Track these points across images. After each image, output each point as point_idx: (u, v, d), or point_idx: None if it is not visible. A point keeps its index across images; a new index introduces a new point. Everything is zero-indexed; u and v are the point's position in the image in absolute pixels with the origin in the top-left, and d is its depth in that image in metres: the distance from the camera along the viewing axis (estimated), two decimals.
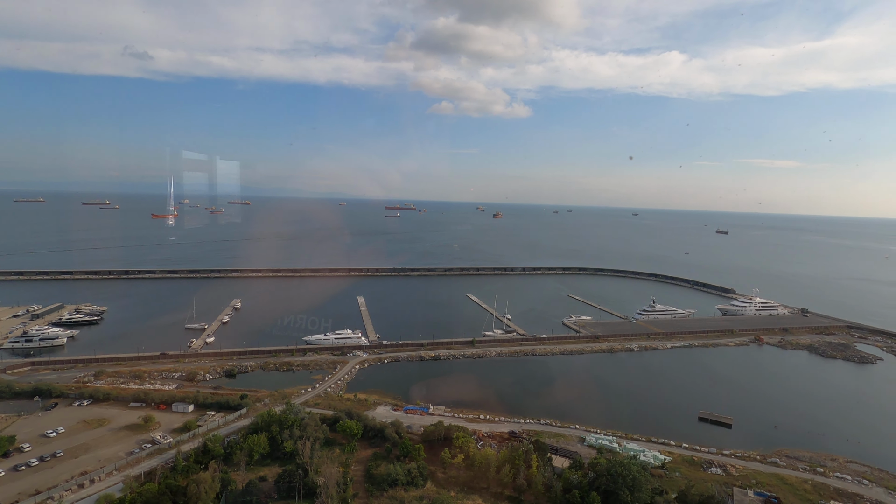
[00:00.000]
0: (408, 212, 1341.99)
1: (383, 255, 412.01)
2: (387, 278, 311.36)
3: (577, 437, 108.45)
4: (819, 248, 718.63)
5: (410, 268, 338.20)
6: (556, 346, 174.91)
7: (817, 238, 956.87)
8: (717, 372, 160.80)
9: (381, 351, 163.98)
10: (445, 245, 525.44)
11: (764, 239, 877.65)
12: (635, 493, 78.88)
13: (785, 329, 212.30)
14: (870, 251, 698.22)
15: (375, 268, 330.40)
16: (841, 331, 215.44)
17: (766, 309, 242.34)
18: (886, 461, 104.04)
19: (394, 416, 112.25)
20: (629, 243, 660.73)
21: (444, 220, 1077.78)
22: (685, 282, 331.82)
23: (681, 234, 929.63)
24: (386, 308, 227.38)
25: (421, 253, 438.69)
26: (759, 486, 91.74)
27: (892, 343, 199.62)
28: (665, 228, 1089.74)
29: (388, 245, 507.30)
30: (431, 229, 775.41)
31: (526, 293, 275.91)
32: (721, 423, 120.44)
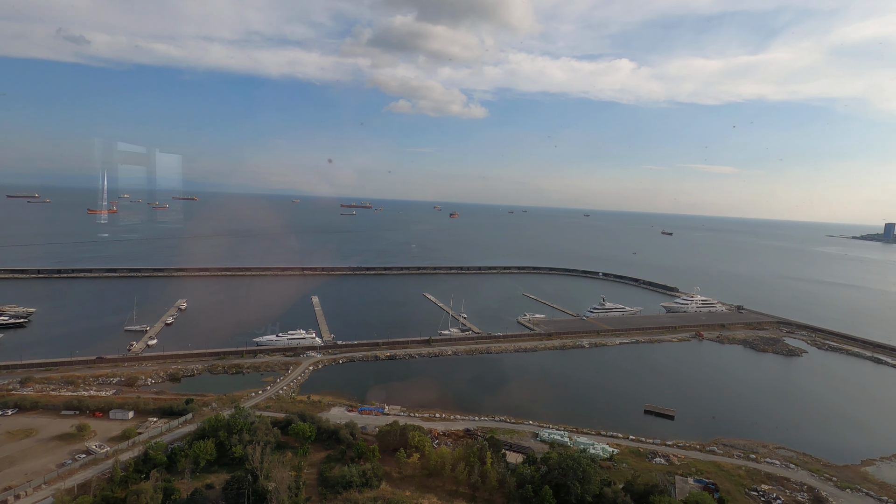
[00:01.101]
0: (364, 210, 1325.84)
1: (338, 253, 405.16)
2: (342, 277, 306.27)
3: (531, 433, 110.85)
4: (752, 249, 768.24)
5: (366, 267, 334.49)
6: (511, 344, 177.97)
7: (751, 239, 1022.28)
8: (662, 367, 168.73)
9: (335, 351, 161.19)
10: (402, 244, 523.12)
11: (704, 240, 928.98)
12: (585, 485, 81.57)
13: (722, 325, 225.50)
14: (797, 252, 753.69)
15: (330, 267, 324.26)
16: (772, 326, 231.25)
17: (706, 306, 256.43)
18: (810, 446, 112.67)
19: (348, 418, 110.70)
20: (581, 243, 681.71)
21: (401, 218, 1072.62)
22: (633, 280, 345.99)
23: (629, 234, 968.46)
24: (341, 308, 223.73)
25: (377, 252, 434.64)
26: (699, 473, 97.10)
27: (816, 337, 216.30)
28: (615, 229, 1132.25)
29: (344, 244, 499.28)
30: (388, 228, 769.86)
31: (482, 292, 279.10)
32: (665, 415, 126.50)
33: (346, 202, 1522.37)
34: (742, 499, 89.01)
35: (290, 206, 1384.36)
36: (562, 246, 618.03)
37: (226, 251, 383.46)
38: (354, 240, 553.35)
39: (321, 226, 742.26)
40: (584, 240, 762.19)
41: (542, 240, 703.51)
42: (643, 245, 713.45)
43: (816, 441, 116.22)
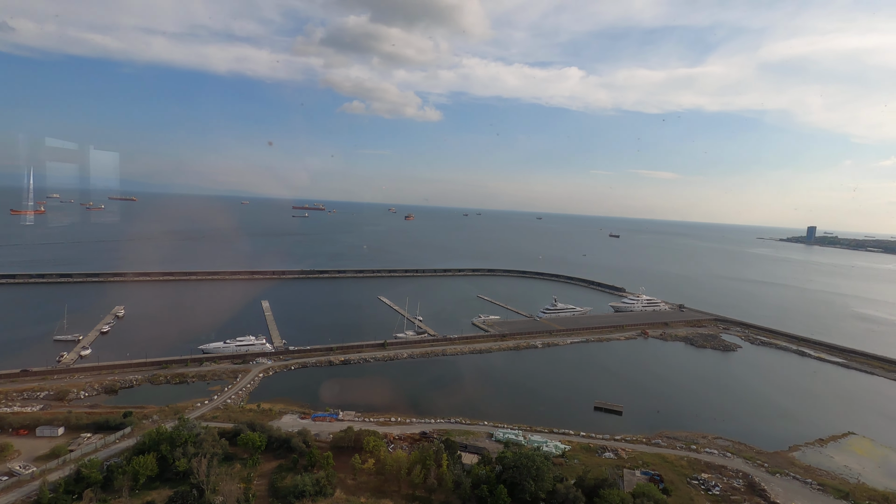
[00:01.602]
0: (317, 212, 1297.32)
1: (290, 256, 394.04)
2: (294, 281, 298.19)
3: (486, 433, 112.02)
4: (692, 251, 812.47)
5: (319, 270, 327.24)
6: (466, 346, 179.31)
7: (691, 242, 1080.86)
8: (611, 364, 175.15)
9: (287, 357, 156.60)
10: (356, 246, 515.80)
11: (649, 242, 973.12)
12: (539, 482, 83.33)
13: (666, 323, 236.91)
14: (731, 253, 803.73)
15: (281, 270, 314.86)
16: (710, 323, 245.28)
17: (650, 305, 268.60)
18: (744, 435, 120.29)
19: (301, 425, 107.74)
20: (534, 245, 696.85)
21: (355, 221, 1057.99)
22: (583, 281, 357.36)
23: (579, 237, 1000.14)
24: (293, 312, 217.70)
25: (331, 255, 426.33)
26: (645, 465, 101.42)
27: (749, 332, 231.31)
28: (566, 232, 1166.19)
29: (296, 246, 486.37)
30: (342, 230, 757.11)
31: (437, 294, 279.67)
32: (613, 410, 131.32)
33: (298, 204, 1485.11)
34: (684, 488, 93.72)
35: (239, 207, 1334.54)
36: (515, 248, 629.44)
37: (168, 255, 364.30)
38: (307, 242, 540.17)
39: (272, 228, 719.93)
40: (537, 242, 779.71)
41: (496, 242, 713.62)
42: (592, 247, 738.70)
43: (750, 430, 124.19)
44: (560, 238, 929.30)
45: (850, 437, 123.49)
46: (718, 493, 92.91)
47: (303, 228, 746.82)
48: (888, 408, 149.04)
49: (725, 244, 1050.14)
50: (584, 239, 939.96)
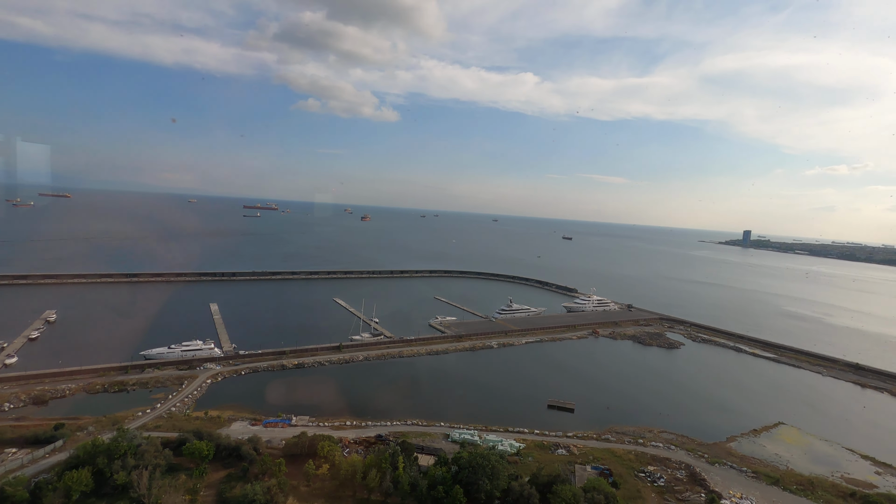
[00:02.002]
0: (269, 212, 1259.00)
1: (241, 257, 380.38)
2: (245, 283, 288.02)
3: (442, 434, 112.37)
4: (640, 253, 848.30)
5: (272, 271, 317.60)
6: (423, 347, 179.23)
7: (639, 244, 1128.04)
8: (563, 363, 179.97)
9: (237, 362, 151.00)
10: (312, 247, 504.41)
11: (600, 244, 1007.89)
12: (494, 481, 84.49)
13: (615, 322, 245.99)
14: (675, 255, 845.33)
15: (232, 272, 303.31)
16: (656, 322, 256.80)
17: (601, 305, 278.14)
18: (687, 428, 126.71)
19: (252, 432, 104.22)
20: (490, 247, 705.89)
21: (310, 221, 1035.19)
22: (537, 282, 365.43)
23: (534, 239, 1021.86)
24: (243, 315, 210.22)
25: (284, 255, 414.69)
26: (596, 460, 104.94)
27: (691, 331, 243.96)
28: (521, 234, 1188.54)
29: (248, 247, 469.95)
30: (296, 231, 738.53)
31: (394, 296, 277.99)
32: (566, 408, 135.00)
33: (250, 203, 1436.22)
34: (632, 481, 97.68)
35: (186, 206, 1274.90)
36: (472, 249, 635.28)
37: (107, 255, 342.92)
38: (259, 242, 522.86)
39: (222, 228, 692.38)
40: (493, 244, 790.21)
41: (453, 244, 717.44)
42: (546, 249, 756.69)
43: (692, 423, 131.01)
44: (515, 240, 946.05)
45: (780, 427, 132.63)
46: (663, 484, 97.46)
47: (255, 228, 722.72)
48: (813, 399, 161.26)
49: (670, 247, 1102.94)
50: (539, 241, 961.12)
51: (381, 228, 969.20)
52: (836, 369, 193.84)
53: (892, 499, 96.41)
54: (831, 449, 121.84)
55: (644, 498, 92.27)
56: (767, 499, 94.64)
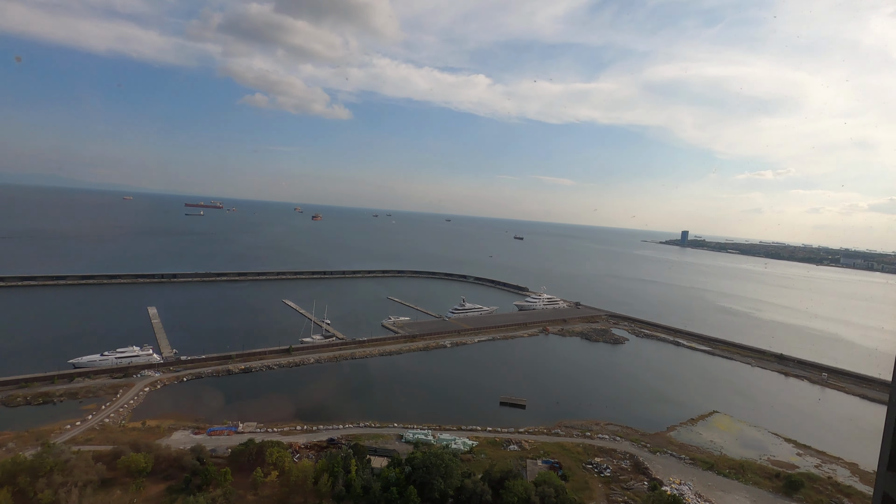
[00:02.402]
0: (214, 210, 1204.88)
1: (183, 258, 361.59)
2: (187, 285, 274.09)
3: (396, 435, 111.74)
4: (587, 252, 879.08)
5: (217, 273, 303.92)
6: (376, 348, 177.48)
7: (586, 244, 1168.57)
8: (515, 360, 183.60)
9: (178, 368, 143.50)
10: (260, 247, 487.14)
11: (549, 244, 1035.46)
12: (448, 479, 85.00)
13: (564, 320, 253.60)
14: (620, 254, 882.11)
15: (172, 273, 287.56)
16: (602, 319, 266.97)
17: (551, 304, 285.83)
18: (631, 419, 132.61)
19: (194, 441, 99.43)
20: (443, 247, 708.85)
21: (258, 220, 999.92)
22: (489, 282, 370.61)
23: (486, 239, 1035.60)
24: (185, 319, 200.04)
25: (231, 256, 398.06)
26: (546, 454, 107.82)
27: (635, 326, 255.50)
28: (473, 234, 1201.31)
29: (191, 247, 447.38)
30: (243, 230, 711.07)
31: (346, 296, 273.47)
32: (517, 404, 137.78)
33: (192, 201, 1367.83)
34: (580, 472, 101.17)
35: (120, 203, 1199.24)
36: (425, 249, 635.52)
37: (27, 256, 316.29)
38: (203, 242, 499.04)
39: (161, 227, 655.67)
40: (446, 243, 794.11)
41: (406, 243, 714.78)
42: (498, 249, 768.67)
43: (635, 414, 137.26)
44: (468, 240, 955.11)
45: (714, 416, 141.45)
46: (609, 474, 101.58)
47: (198, 227, 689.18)
48: (743, 388, 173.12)
49: (615, 246, 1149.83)
50: (491, 241, 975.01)
51: (333, 228, 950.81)
52: (763, 360, 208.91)
53: (811, 477, 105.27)
54: (759, 434, 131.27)
55: (591, 489, 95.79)
56: (703, 483, 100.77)
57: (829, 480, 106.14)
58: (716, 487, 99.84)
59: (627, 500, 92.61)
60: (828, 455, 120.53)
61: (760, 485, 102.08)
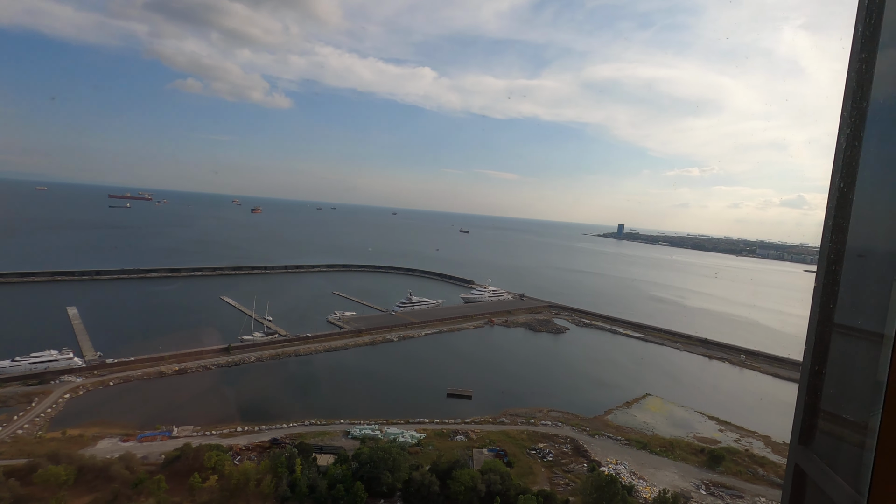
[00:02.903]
0: (142, 202, 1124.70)
1: (108, 254, 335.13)
2: (112, 282, 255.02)
3: (343, 432, 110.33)
4: (530, 245, 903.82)
5: (147, 269, 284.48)
6: (321, 344, 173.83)
7: (529, 237, 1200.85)
8: (461, 352, 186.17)
9: (103, 372, 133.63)
10: (194, 241, 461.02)
11: (494, 237, 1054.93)
12: (395, 473, 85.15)
13: (509, 311, 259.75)
14: (561, 247, 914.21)
15: (95, 270, 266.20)
16: (545, 309, 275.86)
17: (496, 296, 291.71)
18: (571, 405, 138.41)
19: (123, 449, 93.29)
20: (389, 240, 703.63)
21: (193, 213, 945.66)
22: (436, 275, 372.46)
23: (432, 232, 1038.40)
24: (111, 319, 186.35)
25: (163, 251, 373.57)
26: (492, 443, 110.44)
27: (575, 316, 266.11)
28: (419, 227, 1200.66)
29: (116, 242, 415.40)
30: (175, 223, 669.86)
31: (289, 292, 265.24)
32: (464, 396, 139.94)
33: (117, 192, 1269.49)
34: (524, 458, 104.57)
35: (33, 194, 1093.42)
36: (371, 243, 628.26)
37: None
38: (131, 236, 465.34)
39: (82, 220, 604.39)
40: (392, 237, 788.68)
41: (351, 237, 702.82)
42: (444, 242, 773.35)
43: (576, 400, 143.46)
44: (414, 233, 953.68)
45: (647, 398, 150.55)
46: (552, 458, 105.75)
47: (124, 221, 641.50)
48: (672, 371, 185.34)
49: (557, 239, 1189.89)
50: (437, 234, 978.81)
51: (275, 221, 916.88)
52: (689, 344, 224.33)
53: (731, 451, 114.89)
54: (686, 413, 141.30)
55: (535, 473, 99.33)
56: (637, 462, 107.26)
57: (747, 453, 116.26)
58: (648, 465, 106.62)
59: (568, 482, 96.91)
60: (745, 430, 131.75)
61: (687, 460, 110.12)
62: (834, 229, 4.09)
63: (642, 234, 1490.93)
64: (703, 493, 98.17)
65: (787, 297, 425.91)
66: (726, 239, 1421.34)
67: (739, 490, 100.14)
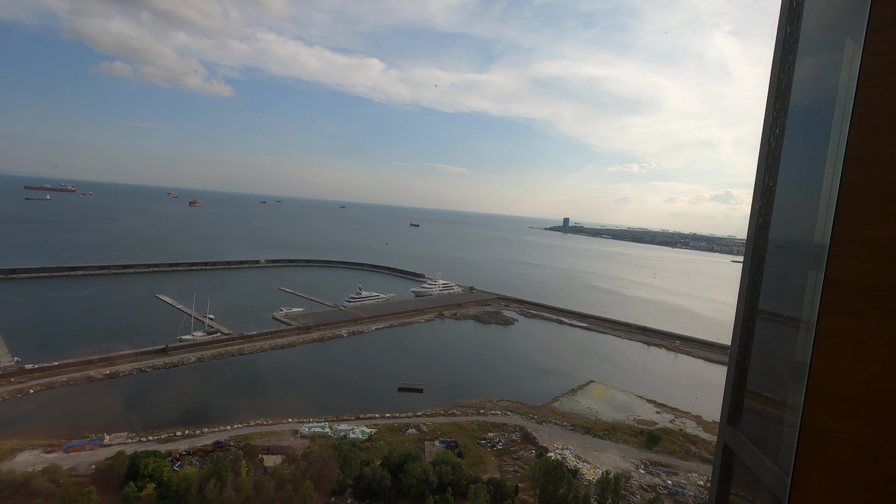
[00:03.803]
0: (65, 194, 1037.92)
1: (24, 250, 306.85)
2: (30, 281, 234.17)
3: (291, 431, 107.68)
4: (479, 239, 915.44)
5: (71, 266, 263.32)
6: (267, 342, 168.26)
7: (478, 230, 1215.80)
8: (412, 346, 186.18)
9: (21, 379, 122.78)
10: (126, 236, 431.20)
11: (444, 231, 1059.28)
12: (347, 469, 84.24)
13: (459, 304, 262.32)
14: (509, 240, 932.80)
15: (9, 268, 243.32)
16: (494, 302, 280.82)
17: (446, 289, 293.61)
18: (519, 394, 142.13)
19: (47, 461, 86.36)
20: (337, 234, 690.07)
21: (123, 206, 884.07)
22: (386, 269, 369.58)
23: (382, 226, 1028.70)
24: (30, 322, 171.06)
25: (89, 246, 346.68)
26: (443, 435, 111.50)
27: (523, 308, 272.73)
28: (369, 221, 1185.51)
29: (35, 237, 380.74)
30: (104, 217, 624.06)
31: (231, 289, 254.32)
32: (415, 389, 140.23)
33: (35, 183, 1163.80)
34: (475, 448, 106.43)
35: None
36: (319, 237, 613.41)
37: None
38: (52, 231, 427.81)
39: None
40: (340, 231, 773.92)
41: (298, 231, 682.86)
42: (394, 236, 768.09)
43: (524, 389, 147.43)
44: (363, 227, 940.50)
45: (591, 385, 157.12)
46: (502, 447, 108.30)
47: (44, 214, 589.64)
48: (614, 358, 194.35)
49: (504, 232, 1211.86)
50: (387, 228, 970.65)
51: (215, 215, 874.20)
52: (629, 332, 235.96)
53: (667, 431, 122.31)
54: (627, 398, 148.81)
55: (486, 462, 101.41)
56: (582, 446, 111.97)
57: (681, 432, 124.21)
58: (592, 448, 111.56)
59: (517, 469, 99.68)
60: (679, 411, 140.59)
61: (628, 442, 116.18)
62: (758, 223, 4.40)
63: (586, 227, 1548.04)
64: (643, 472, 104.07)
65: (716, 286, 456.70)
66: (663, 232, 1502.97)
67: (675, 468, 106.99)
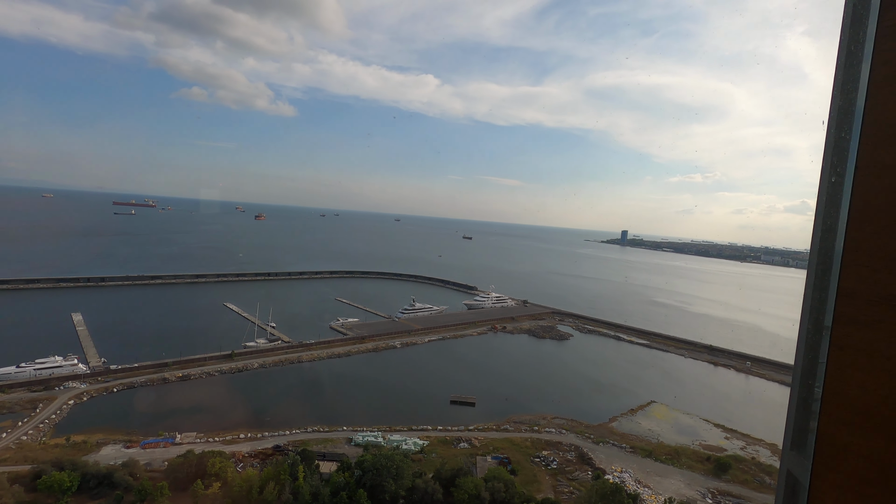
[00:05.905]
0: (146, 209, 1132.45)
1: (112, 260, 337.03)
2: (117, 289, 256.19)
3: (346, 439, 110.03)
4: (533, 251, 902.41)
5: (151, 275, 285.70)
6: (324, 351, 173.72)
7: (532, 243, 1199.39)
8: (464, 358, 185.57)
9: (107, 378, 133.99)
10: (198, 247, 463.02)
11: (497, 243, 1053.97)
12: (399, 480, 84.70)
13: (512, 318, 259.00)
14: (564, 253, 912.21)
15: (100, 277, 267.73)
16: (548, 316, 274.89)
17: (499, 302, 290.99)
18: (575, 412, 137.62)
19: (126, 455, 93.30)
20: (392, 247, 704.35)
21: (196, 219, 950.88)
22: (439, 281, 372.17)
23: (435, 238, 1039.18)
24: (115, 325, 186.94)
25: (166, 257, 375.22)
26: (496, 450, 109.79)
27: (579, 323, 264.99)
28: (423, 233, 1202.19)
29: (121, 248, 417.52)
30: (179, 230, 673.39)
31: (292, 298, 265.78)
32: (467, 402, 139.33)
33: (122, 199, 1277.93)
34: (528, 466, 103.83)
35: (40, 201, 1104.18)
36: (374, 249, 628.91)
37: None
38: (135, 243, 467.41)
39: (87, 227, 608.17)
40: (395, 243, 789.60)
41: (354, 243, 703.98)
42: (447, 248, 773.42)
43: (580, 407, 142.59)
44: (417, 239, 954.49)
45: (652, 405, 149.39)
46: (556, 466, 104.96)
47: (129, 227, 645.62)
48: (677, 377, 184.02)
49: (560, 245, 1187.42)
50: (440, 240, 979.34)
51: (278, 228, 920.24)
52: (694, 351, 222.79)
53: (737, 458, 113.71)
54: (692, 421, 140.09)
55: (539, 481, 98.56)
56: (643, 469, 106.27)
57: (753, 461, 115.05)
58: (654, 473, 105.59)
59: (572, 490, 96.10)
60: (752, 437, 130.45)
61: (693, 468, 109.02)
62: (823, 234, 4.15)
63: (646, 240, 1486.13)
64: (710, 502, 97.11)
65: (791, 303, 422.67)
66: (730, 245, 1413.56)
67: (747, 499, 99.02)
